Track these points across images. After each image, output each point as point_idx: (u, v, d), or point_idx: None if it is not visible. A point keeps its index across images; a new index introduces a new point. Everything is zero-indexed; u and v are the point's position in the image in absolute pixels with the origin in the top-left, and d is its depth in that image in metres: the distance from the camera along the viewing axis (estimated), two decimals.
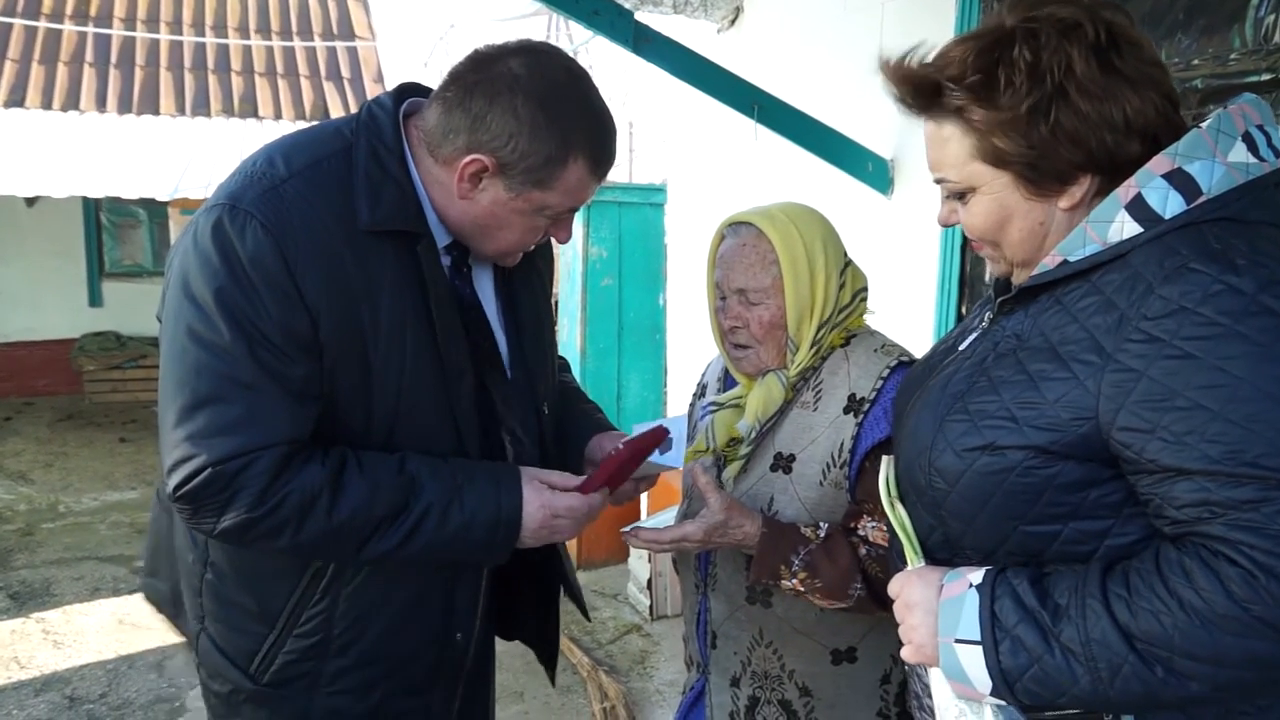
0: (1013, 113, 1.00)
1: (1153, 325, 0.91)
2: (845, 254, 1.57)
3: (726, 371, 1.69)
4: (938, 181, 1.11)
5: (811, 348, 1.52)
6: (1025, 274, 1.10)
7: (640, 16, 2.98)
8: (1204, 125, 0.98)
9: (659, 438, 1.46)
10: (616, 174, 13.66)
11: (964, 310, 3.01)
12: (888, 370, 1.50)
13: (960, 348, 1.16)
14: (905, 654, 1.07)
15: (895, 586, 1.09)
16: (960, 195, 1.09)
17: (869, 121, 3.29)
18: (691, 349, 5.06)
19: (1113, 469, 0.96)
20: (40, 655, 4.02)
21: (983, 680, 0.96)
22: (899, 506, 1.14)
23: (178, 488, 1.23)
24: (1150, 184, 0.97)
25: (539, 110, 1.27)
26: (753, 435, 1.54)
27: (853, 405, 1.49)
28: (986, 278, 2.90)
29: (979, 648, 0.96)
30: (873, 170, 3.21)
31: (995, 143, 1.02)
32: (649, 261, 5.52)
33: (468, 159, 1.29)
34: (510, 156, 1.28)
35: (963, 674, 0.98)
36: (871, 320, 1.63)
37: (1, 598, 4.60)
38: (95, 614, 4.42)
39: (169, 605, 1.59)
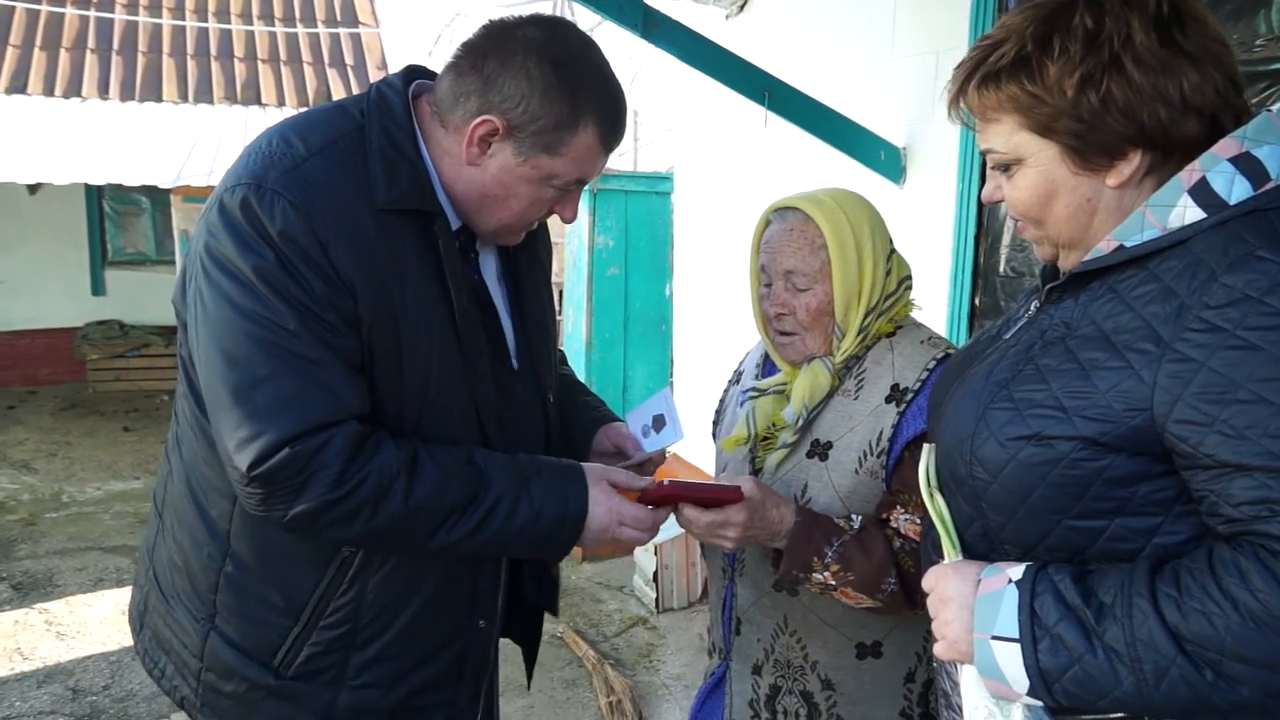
0: (1063, 81, 0.97)
1: (1215, 314, 0.87)
2: (890, 241, 1.55)
3: (765, 358, 1.67)
4: (984, 153, 1.08)
5: (858, 335, 1.50)
6: (1072, 258, 1.06)
7: (649, 1, 2.93)
8: (1275, 109, 0.94)
9: (732, 497, 1.40)
10: (622, 163, 13.62)
11: (977, 300, 2.97)
12: (934, 362, 1.48)
13: (1005, 336, 1.13)
14: (938, 650, 1.04)
15: (930, 580, 1.06)
16: (1006, 168, 1.06)
17: (881, 109, 3.24)
18: (698, 339, 5.02)
19: (1165, 464, 0.93)
20: (43, 646, 4.01)
21: (1020, 680, 0.94)
22: (938, 497, 1.11)
23: (253, 466, 1.19)
24: (1216, 168, 0.93)
25: (552, 72, 1.27)
26: (799, 423, 1.51)
27: (895, 395, 1.47)
28: (1001, 268, 2.86)
29: (1017, 645, 0.93)
30: (885, 159, 3.17)
31: (1043, 112, 0.99)
32: (655, 251, 5.48)
33: (478, 120, 1.28)
34: (521, 118, 1.28)
35: (999, 672, 0.95)
36: (917, 314, 1.61)
37: (4, 588, 4.59)
38: (98, 605, 4.41)
39: (135, 620, 1.56)
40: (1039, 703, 0.95)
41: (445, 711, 1.47)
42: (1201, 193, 0.93)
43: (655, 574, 4.41)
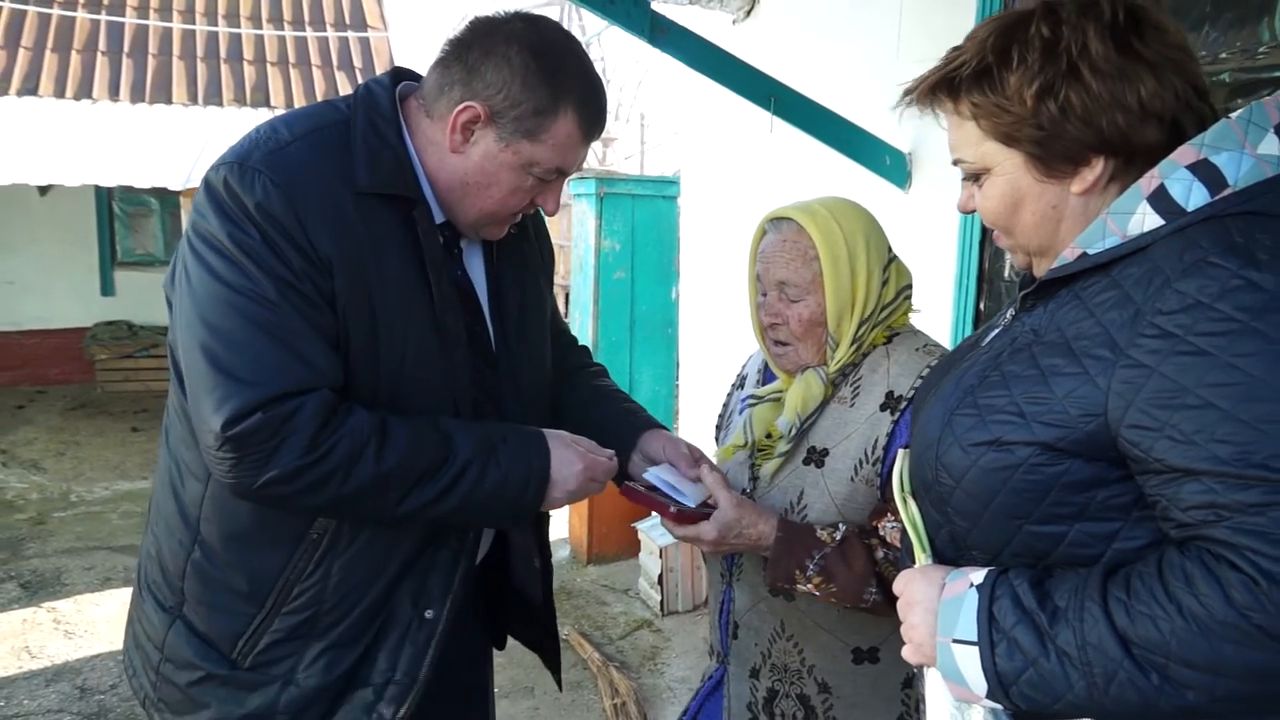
0: (1022, 90, 0.98)
1: (1167, 320, 0.88)
2: (889, 249, 1.56)
3: (766, 364, 1.68)
4: (955, 163, 1.10)
5: (852, 345, 1.51)
6: (1043, 265, 1.08)
7: (656, 7, 2.95)
8: (1234, 116, 0.94)
9: (701, 517, 1.44)
10: (629, 166, 13.64)
11: (982, 305, 2.98)
12: (928, 369, 1.48)
13: (983, 343, 1.14)
14: (905, 653, 1.05)
15: (900, 584, 1.07)
16: (976, 178, 1.08)
17: (886, 114, 3.24)
18: (703, 343, 5.03)
19: (1121, 469, 0.93)
20: (51, 645, 4.03)
21: (979, 683, 0.94)
22: (911, 503, 1.12)
23: (226, 427, 1.20)
24: (1174, 175, 0.94)
25: (532, 60, 1.32)
26: (792, 432, 1.52)
27: (890, 403, 1.47)
28: (1006, 273, 2.87)
29: (976, 649, 0.94)
30: (890, 164, 3.18)
31: (1005, 121, 1.01)
32: (662, 255, 5.50)
33: (461, 106, 1.32)
34: (502, 104, 1.32)
35: (959, 675, 0.96)
36: (915, 319, 1.61)
37: (13, 587, 4.61)
38: (107, 604, 4.43)
39: (127, 623, 1.57)
40: (999, 705, 0.96)
41: (371, 697, 1.44)
42: (1160, 200, 0.94)
43: (660, 577, 4.42)
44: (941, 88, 1.06)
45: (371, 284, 1.30)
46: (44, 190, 8.23)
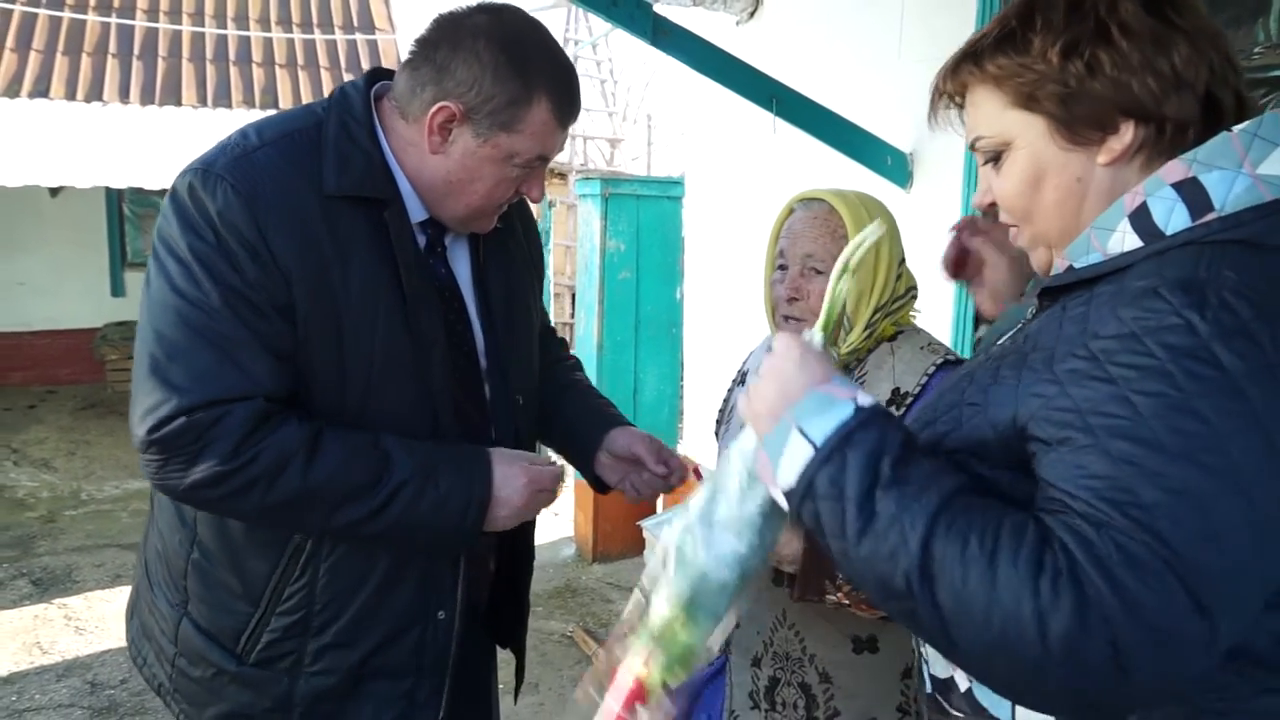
0: (1046, 49, 0.93)
1: (1098, 344, 0.84)
2: (903, 252, 1.59)
3: None
4: (972, 148, 1.04)
5: (865, 330, 1.53)
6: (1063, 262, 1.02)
7: (659, 9, 2.98)
8: (1238, 128, 0.87)
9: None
10: (636, 167, 13.64)
11: None
12: (933, 367, 1.50)
13: (1000, 341, 1.11)
14: (740, 404, 1.02)
15: (780, 345, 1.01)
16: (996, 159, 1.01)
17: (888, 115, 3.27)
18: (708, 343, 5.05)
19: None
20: (62, 641, 4.08)
21: (787, 477, 0.90)
22: (846, 280, 1.05)
23: (150, 431, 1.23)
24: (1158, 193, 0.88)
25: (500, 52, 1.32)
26: None
27: (895, 399, 1.49)
28: None
29: (811, 450, 0.89)
30: (891, 164, 3.20)
31: (1027, 81, 0.95)
32: (667, 255, 5.51)
33: (435, 107, 1.33)
34: (475, 100, 1.32)
35: (778, 458, 0.92)
36: (922, 318, 1.64)
37: (25, 584, 4.66)
38: (117, 600, 4.46)
39: (128, 612, 1.60)
40: (785, 503, 0.93)
41: (403, 703, 1.47)
42: (1140, 219, 0.89)
43: None
44: (965, 60, 1.01)
45: (336, 289, 1.30)
46: (55, 192, 8.29)
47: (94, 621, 4.26)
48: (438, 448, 1.39)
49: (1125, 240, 0.90)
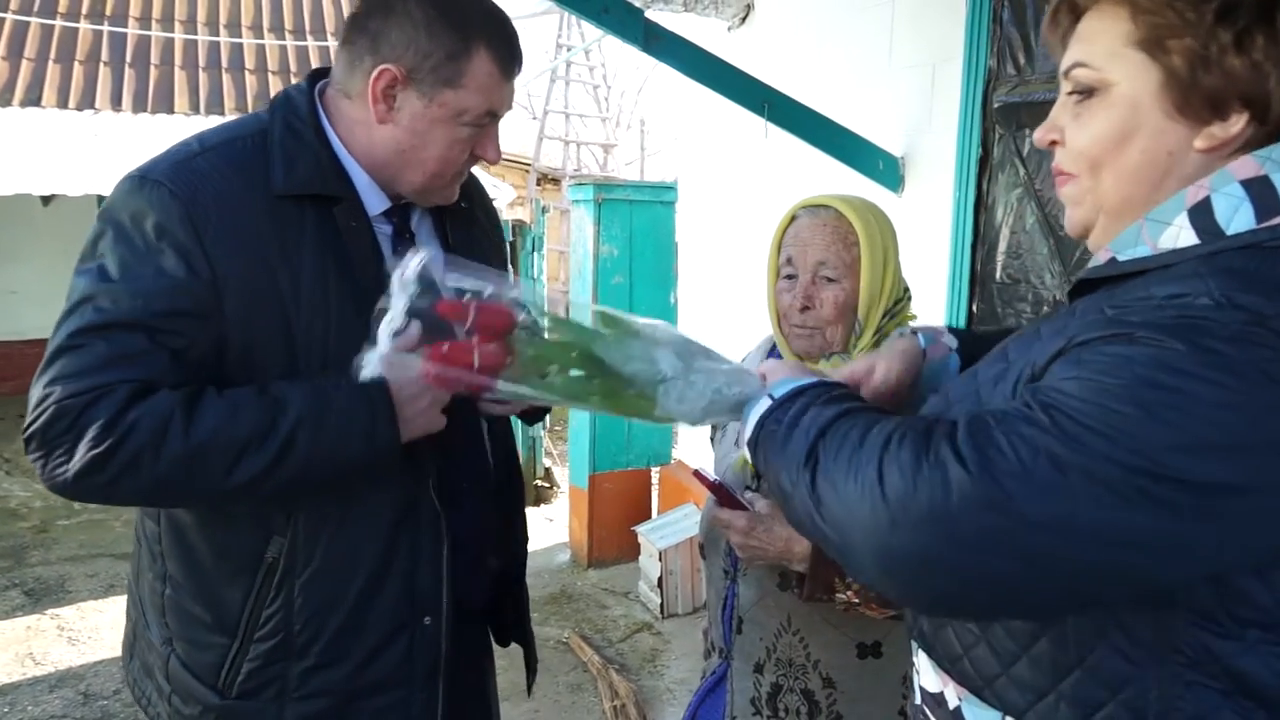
0: (1202, 4, 0.82)
1: (1076, 341, 0.80)
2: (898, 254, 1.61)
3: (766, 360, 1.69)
4: (1066, 74, 0.92)
5: (874, 334, 1.54)
6: (1109, 231, 0.91)
7: (651, 14, 2.98)
8: None
9: (741, 506, 1.47)
10: (629, 173, 13.64)
11: (974, 307, 3.00)
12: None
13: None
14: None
15: (765, 369, 1.13)
16: (1087, 94, 0.90)
17: (880, 119, 3.28)
18: None
19: None
20: (55, 651, 4.06)
21: (748, 429, 1.03)
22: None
23: (27, 428, 1.22)
24: (1225, 188, 0.81)
25: (432, 7, 1.32)
26: None
27: None
28: (998, 275, 2.89)
29: (768, 402, 1.01)
30: (883, 168, 3.21)
31: (1166, 22, 0.84)
32: (660, 260, 5.51)
33: (375, 72, 1.32)
34: (414, 60, 1.32)
35: (749, 418, 1.04)
36: (915, 322, 1.65)
37: (17, 594, 4.64)
38: (109, 611, 4.45)
39: (126, 650, 1.57)
40: (749, 458, 1.04)
41: (399, 712, 1.44)
42: (1201, 215, 0.81)
43: (660, 580, 4.43)
44: None
45: (284, 290, 1.29)
46: (47, 200, 8.27)
47: (87, 632, 4.25)
48: (326, 376, 1.32)
49: (1180, 236, 0.82)
